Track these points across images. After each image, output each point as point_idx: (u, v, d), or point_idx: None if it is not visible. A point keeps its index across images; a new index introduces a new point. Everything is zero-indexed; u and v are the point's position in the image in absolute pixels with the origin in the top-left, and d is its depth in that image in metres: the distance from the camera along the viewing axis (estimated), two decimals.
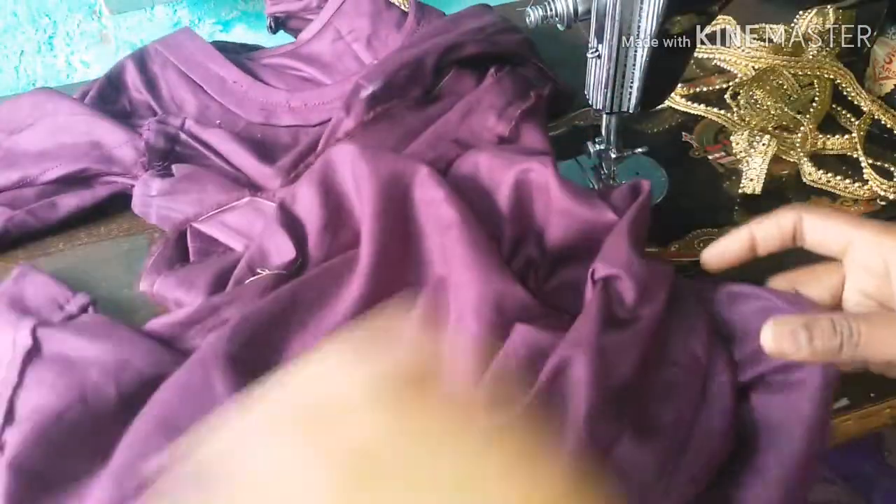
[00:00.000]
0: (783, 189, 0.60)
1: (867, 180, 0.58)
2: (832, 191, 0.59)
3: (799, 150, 0.61)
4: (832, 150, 0.62)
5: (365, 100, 0.57)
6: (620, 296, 0.41)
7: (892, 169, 0.60)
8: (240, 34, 0.89)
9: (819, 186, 0.59)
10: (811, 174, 0.59)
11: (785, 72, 0.68)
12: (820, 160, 0.61)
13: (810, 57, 0.69)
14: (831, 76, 0.66)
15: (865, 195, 0.58)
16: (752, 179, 0.58)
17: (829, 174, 0.58)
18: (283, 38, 0.92)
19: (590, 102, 0.53)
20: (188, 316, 0.46)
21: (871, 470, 0.70)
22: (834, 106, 0.66)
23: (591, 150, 0.59)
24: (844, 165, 0.61)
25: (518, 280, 0.45)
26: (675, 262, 0.53)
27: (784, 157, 0.61)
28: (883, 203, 0.58)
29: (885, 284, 0.38)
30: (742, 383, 0.40)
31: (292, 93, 0.66)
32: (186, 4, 0.85)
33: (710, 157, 0.63)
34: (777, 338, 0.36)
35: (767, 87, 0.67)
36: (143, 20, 0.84)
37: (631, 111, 0.52)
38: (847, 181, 0.58)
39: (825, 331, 0.35)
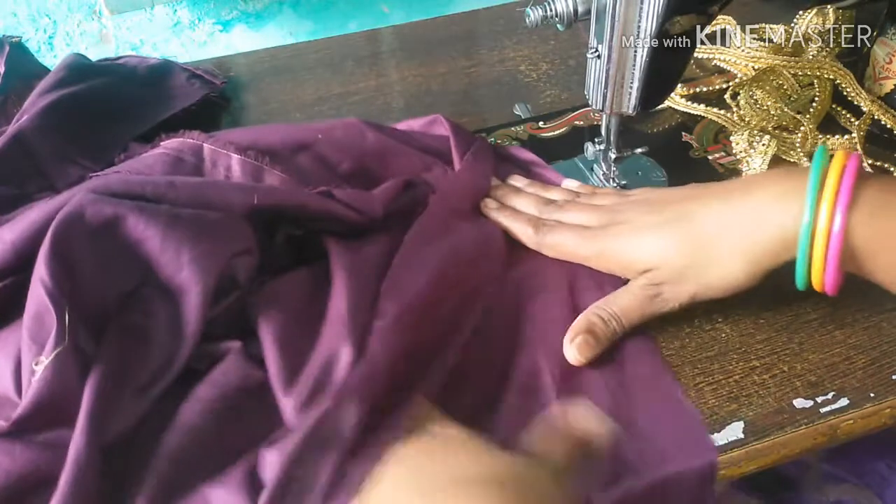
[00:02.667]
0: None
1: None
2: None
3: (799, 150, 0.61)
4: (832, 150, 0.62)
5: None
6: None
7: (892, 169, 0.60)
8: (240, 34, 0.90)
9: None
10: None
11: (785, 72, 0.68)
12: None
13: (810, 57, 0.69)
14: (831, 76, 0.66)
15: None
16: None
17: None
18: (281, 39, 0.92)
19: (590, 102, 0.53)
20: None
21: (885, 468, 0.71)
22: (834, 106, 0.66)
23: (591, 150, 0.59)
24: None
25: None
26: None
27: (784, 157, 0.61)
28: None
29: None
30: None
31: None
32: (186, 5, 0.85)
33: (710, 157, 0.63)
34: (580, 352, 0.45)
35: (767, 88, 0.67)
36: (143, 20, 0.84)
37: (631, 111, 0.52)
38: None
39: (600, 326, 0.46)
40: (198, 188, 0.45)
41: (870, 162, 0.59)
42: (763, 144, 0.58)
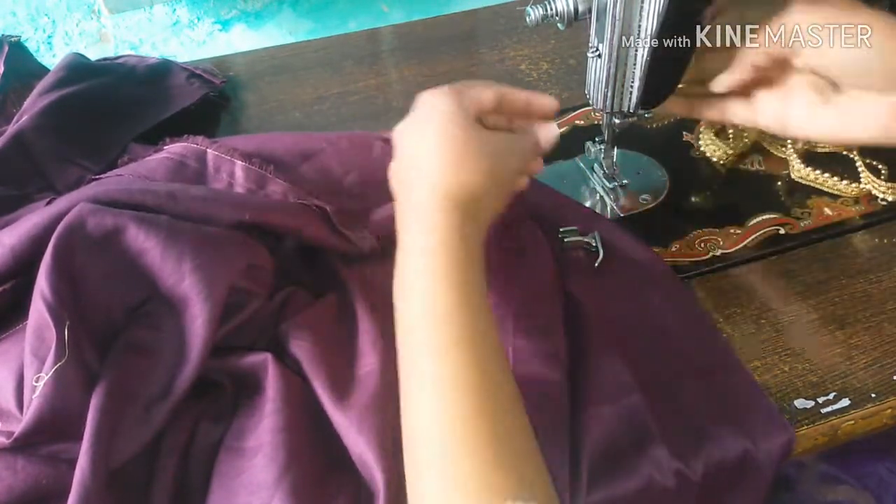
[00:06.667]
0: (780, 187, 0.60)
1: (858, 179, 0.58)
2: (822, 188, 0.59)
3: (790, 146, 0.61)
4: (824, 148, 0.62)
5: None
6: None
7: (881, 167, 0.60)
8: (239, 33, 0.89)
9: (807, 183, 0.59)
10: (800, 171, 0.59)
11: None
12: (812, 158, 0.61)
13: None
14: None
15: (853, 192, 0.58)
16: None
17: (818, 171, 0.58)
18: (280, 38, 0.92)
19: (590, 102, 0.53)
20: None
21: (884, 471, 0.71)
22: None
23: (592, 150, 0.59)
24: (835, 163, 0.61)
25: None
26: (675, 261, 0.53)
27: (774, 151, 0.62)
28: (884, 203, 0.58)
29: None
30: None
31: None
32: (185, 4, 0.85)
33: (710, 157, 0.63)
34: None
35: None
36: (143, 19, 0.84)
37: (631, 111, 0.52)
38: (835, 178, 0.58)
39: None
40: (199, 202, 0.44)
41: (867, 161, 0.59)
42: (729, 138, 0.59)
